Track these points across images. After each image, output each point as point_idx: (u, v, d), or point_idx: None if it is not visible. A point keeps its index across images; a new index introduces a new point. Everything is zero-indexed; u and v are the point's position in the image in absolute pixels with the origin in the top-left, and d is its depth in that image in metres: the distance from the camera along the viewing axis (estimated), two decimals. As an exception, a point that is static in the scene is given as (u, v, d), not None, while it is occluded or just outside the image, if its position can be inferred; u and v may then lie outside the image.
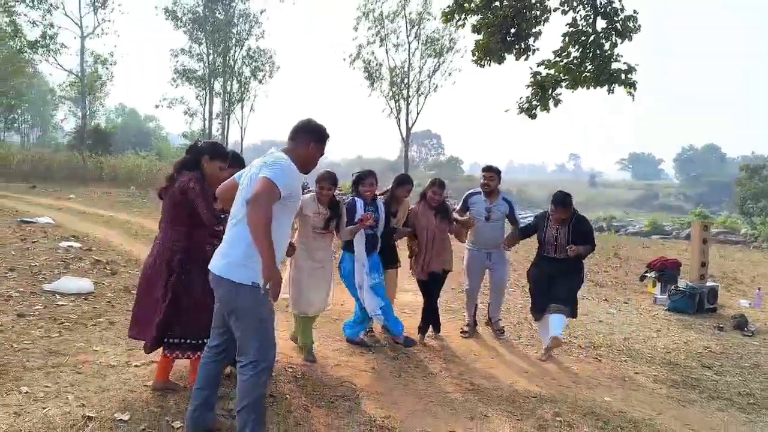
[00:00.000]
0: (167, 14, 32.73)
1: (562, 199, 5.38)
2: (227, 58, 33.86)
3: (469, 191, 6.18)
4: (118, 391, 3.81)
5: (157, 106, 34.73)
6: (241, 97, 34.71)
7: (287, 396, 4.02)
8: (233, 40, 33.84)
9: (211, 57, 33.92)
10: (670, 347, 6.10)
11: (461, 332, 6.00)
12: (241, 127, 35.48)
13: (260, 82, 34.92)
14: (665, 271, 8.57)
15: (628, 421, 4.07)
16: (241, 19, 33.70)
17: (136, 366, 4.33)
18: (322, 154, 3.31)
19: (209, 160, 3.80)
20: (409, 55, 32.12)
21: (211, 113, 34.80)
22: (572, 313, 5.43)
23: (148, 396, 3.77)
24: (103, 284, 6.76)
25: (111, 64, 33.02)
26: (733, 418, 4.33)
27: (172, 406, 3.66)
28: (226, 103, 34.65)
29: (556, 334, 5.21)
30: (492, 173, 5.99)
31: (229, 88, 34.52)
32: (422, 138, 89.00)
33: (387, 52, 32.13)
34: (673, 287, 8.05)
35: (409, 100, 32.44)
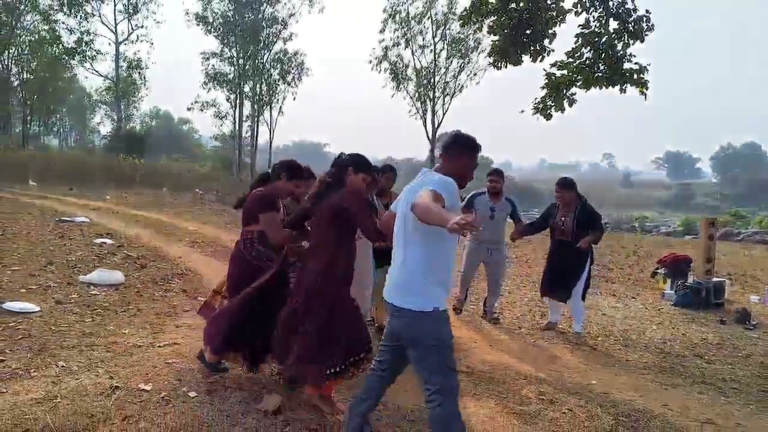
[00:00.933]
0: (198, 19, 33.64)
1: (563, 181, 6.18)
2: (256, 61, 34.61)
3: (474, 192, 6.50)
4: (142, 367, 4.27)
5: (189, 109, 35.44)
6: (270, 99, 35.41)
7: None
8: (262, 44, 34.58)
9: (240, 60, 34.74)
10: (666, 338, 6.32)
11: (453, 308, 6.42)
12: (270, 129, 36.24)
13: (289, 84, 35.58)
14: (675, 267, 8.73)
15: (609, 401, 4.36)
16: (269, 23, 34.39)
17: (159, 347, 4.80)
18: (476, 164, 3.21)
19: (354, 173, 3.62)
20: (435, 55, 32.44)
21: (241, 116, 35.63)
22: (581, 296, 6.06)
23: (168, 371, 4.21)
24: (133, 276, 7.29)
25: (144, 68, 34.15)
26: (711, 401, 4.56)
27: (190, 380, 4.08)
28: (255, 106, 35.41)
29: (578, 330, 6.10)
30: (497, 176, 6.39)
31: (258, 90, 35.27)
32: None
33: (413, 54, 32.52)
34: (680, 283, 8.22)
35: (435, 100, 32.75)
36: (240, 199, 4.30)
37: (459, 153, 3.12)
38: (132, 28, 32.14)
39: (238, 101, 35.41)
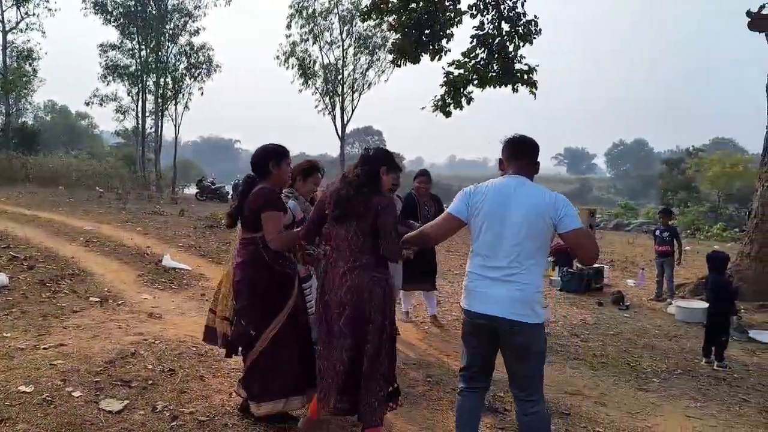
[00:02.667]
0: (96, 8, 31.97)
1: (426, 171, 6.64)
2: (159, 54, 33.37)
3: (397, 195, 6.53)
4: (24, 369, 4.13)
5: (87, 103, 33.62)
6: (175, 94, 34.24)
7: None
8: (166, 36, 33.36)
9: (143, 53, 33.37)
10: (549, 320, 6.81)
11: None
12: (176, 125, 35.04)
13: (195, 79, 34.55)
14: (561, 255, 9.36)
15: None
16: (174, 15, 33.23)
17: (44, 349, 4.65)
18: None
19: (386, 172, 3.32)
20: (342, 52, 32.60)
21: (144, 110, 34.24)
22: (432, 286, 6.32)
23: (52, 372, 4.11)
24: (19, 278, 6.94)
25: (35, 59, 32.05)
26: (579, 373, 5.03)
27: (75, 380, 4.01)
28: (160, 100, 34.14)
29: (434, 313, 6.41)
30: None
31: (162, 84, 34.03)
32: (364, 134, 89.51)
33: (321, 49, 32.52)
34: (565, 269, 8.85)
35: (344, 96, 32.93)
36: (229, 213, 3.67)
37: (536, 158, 3.05)
38: (21, 16, 30.06)
39: (140, 95, 34.00)
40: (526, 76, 10.45)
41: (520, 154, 3.00)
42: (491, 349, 2.98)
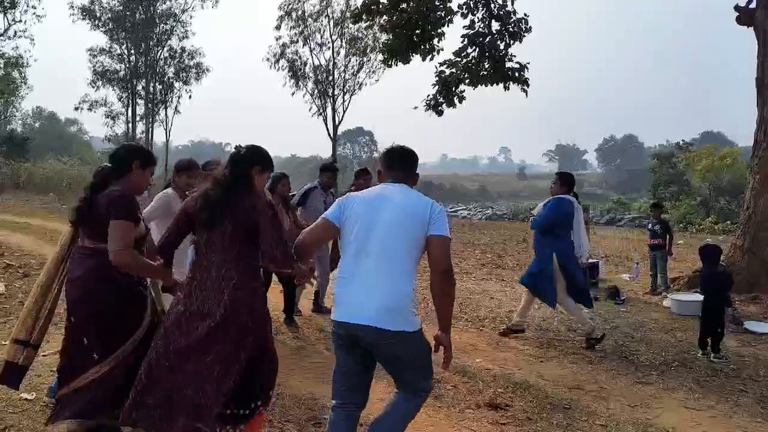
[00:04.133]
0: (84, 14, 31.84)
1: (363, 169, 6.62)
2: (148, 58, 33.26)
3: (307, 186, 6.42)
4: (25, 377, 4.11)
5: (76, 109, 33.46)
6: (164, 98, 34.14)
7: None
8: (155, 40, 33.27)
9: (132, 57, 33.25)
10: (546, 316, 6.86)
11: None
12: (166, 130, 34.92)
13: (185, 83, 34.47)
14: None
15: (491, 375, 4.72)
16: (162, 19, 33.15)
17: (44, 356, 4.64)
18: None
19: (260, 172, 3.05)
20: (333, 54, 32.64)
21: (134, 115, 34.13)
22: None
23: (54, 379, 4.10)
24: (15, 286, 6.92)
25: (24, 66, 31.88)
26: (578, 368, 5.06)
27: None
28: (150, 105, 34.02)
29: None
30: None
31: (152, 89, 33.92)
32: (355, 135, 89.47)
33: (311, 51, 32.51)
34: (560, 265, 8.88)
35: (335, 98, 32.96)
36: (78, 207, 3.11)
37: (415, 170, 3.03)
38: (8, 23, 29.87)
39: (130, 100, 33.87)
40: (517, 74, 10.53)
41: (397, 164, 2.96)
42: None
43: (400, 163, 2.96)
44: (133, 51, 33.15)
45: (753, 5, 9.12)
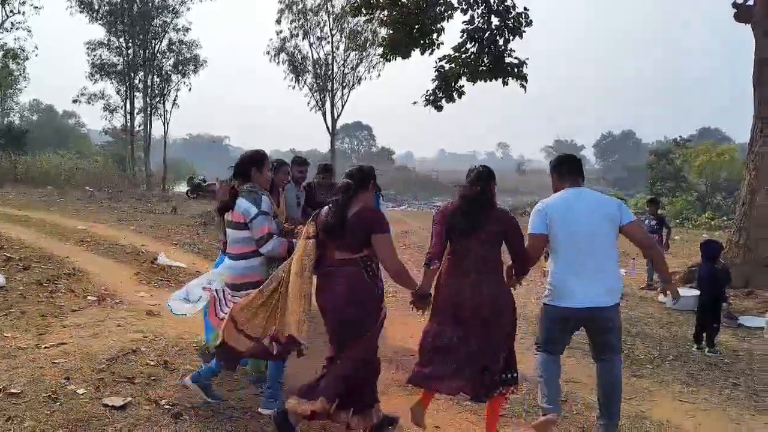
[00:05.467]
0: (82, 6, 31.70)
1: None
2: (147, 51, 33.19)
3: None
4: (26, 368, 4.16)
5: (75, 101, 33.29)
6: (163, 91, 34.06)
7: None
8: (152, 33, 33.17)
9: (130, 50, 33.15)
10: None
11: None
12: (164, 123, 34.85)
13: (183, 75, 34.36)
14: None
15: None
16: (160, 11, 33.02)
17: (45, 348, 4.68)
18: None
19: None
20: (332, 48, 32.60)
21: (132, 108, 34.04)
22: None
23: (55, 370, 4.15)
24: (15, 279, 6.94)
25: (23, 59, 31.77)
26: (575, 361, 5.14)
27: (78, 377, 4.05)
28: (148, 98, 33.95)
29: None
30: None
31: (150, 82, 33.84)
32: (353, 130, 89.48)
33: (311, 46, 32.48)
34: (557, 260, 8.94)
35: (334, 92, 32.94)
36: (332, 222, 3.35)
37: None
38: (6, 15, 29.75)
39: (128, 93, 33.79)
40: (516, 70, 10.55)
41: (576, 170, 3.66)
42: None
43: (572, 171, 3.64)
44: (131, 44, 33.03)
45: (751, 2, 9.16)
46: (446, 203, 3.64)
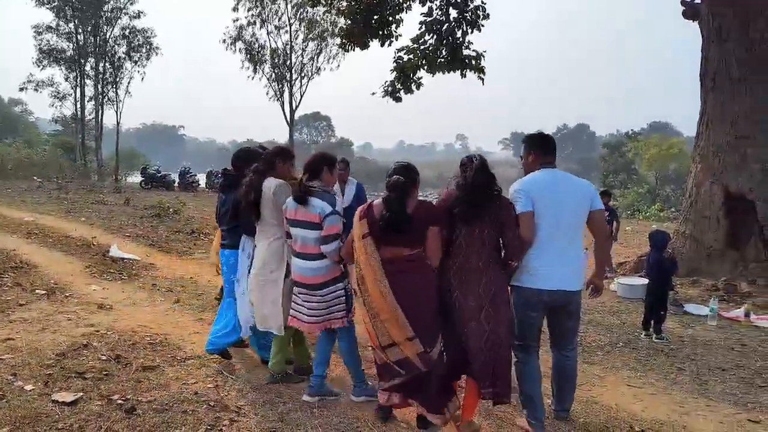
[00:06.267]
0: (28, -12, 30.42)
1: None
2: (98, 37, 32.10)
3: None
4: (-30, 365, 4.02)
5: (21, 89, 32.03)
6: (115, 79, 33.06)
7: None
8: (104, 18, 32.10)
9: (80, 36, 32.02)
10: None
11: None
12: (117, 111, 33.84)
13: (136, 63, 33.42)
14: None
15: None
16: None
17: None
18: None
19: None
20: (291, 37, 32.17)
21: (83, 96, 32.94)
22: None
23: (1, 367, 4.02)
24: (-42, 272, 6.68)
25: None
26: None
27: (26, 374, 3.93)
28: (99, 86, 32.89)
29: None
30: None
31: (101, 69, 32.78)
32: (312, 120, 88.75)
33: (269, 35, 31.99)
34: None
35: (293, 82, 32.56)
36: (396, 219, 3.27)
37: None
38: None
39: (78, 80, 32.65)
40: (474, 62, 10.63)
41: (552, 151, 3.63)
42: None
43: (553, 150, 3.61)
44: (81, 29, 31.89)
45: (698, 0, 9.45)
46: (443, 193, 3.50)
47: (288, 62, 32.28)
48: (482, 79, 10.84)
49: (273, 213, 3.92)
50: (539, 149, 3.60)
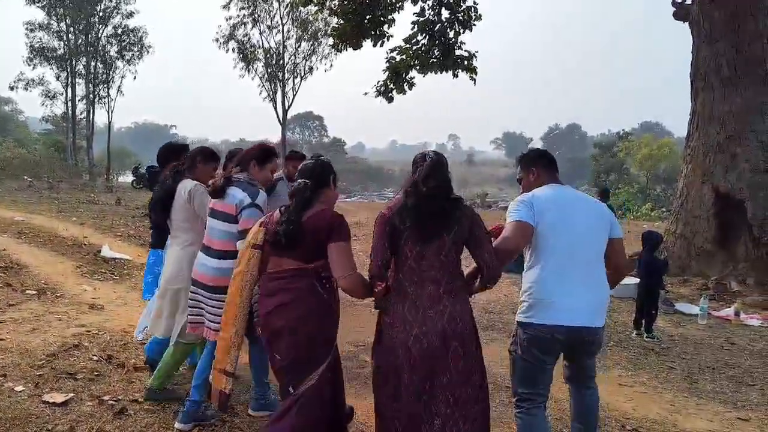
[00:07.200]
0: (17, -14, 30.22)
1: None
2: (90, 36, 31.93)
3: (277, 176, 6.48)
4: (-41, 366, 3.99)
5: (11, 88, 31.79)
6: (107, 78, 32.89)
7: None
8: (97, 17, 31.93)
9: (72, 34, 31.82)
10: (491, 299, 7.08)
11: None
12: (108, 111, 33.65)
13: (128, 62, 33.26)
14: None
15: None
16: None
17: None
18: None
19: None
20: (283, 37, 32.12)
21: (74, 95, 32.73)
22: None
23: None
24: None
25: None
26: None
27: (16, 374, 3.90)
28: (91, 85, 32.70)
29: None
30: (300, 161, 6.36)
31: (93, 68, 32.59)
32: (305, 120, 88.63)
33: (261, 34, 31.92)
34: (505, 250, 9.13)
35: (285, 82, 32.51)
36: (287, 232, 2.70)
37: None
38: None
39: (70, 80, 32.44)
40: (466, 62, 10.68)
41: (554, 165, 3.09)
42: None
43: (555, 165, 3.08)
44: (72, 28, 31.69)
45: (689, 1, 9.52)
46: (389, 203, 2.80)
47: (281, 62, 32.21)
48: (474, 80, 10.89)
49: (186, 216, 3.59)
50: (540, 166, 3.04)
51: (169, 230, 3.82)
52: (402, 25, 11.47)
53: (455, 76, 10.81)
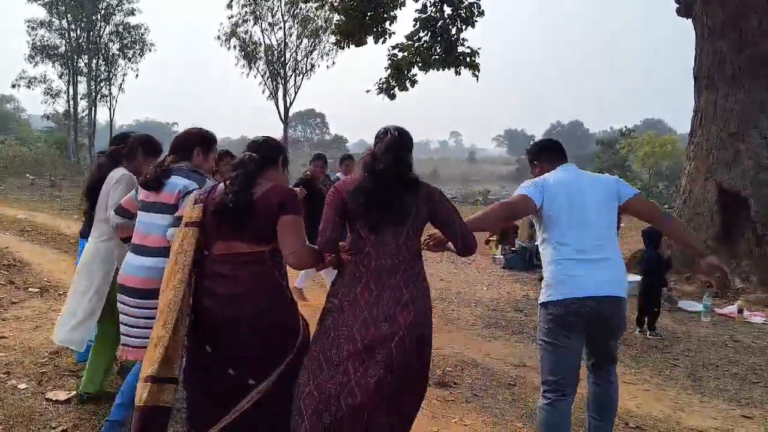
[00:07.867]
0: (20, -16, 30.23)
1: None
2: (92, 33, 31.94)
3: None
4: (-38, 363, 3.99)
5: (13, 86, 31.83)
6: (109, 76, 32.92)
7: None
8: (99, 15, 31.95)
9: (74, 32, 31.83)
10: (494, 297, 7.08)
11: None
12: (110, 108, 33.69)
13: (130, 60, 33.30)
14: (504, 235, 9.65)
15: (440, 355, 4.84)
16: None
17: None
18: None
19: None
20: (284, 34, 32.10)
21: (75, 93, 32.76)
22: None
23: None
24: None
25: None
26: (523, 346, 5.26)
27: (19, 372, 3.91)
28: (93, 83, 32.73)
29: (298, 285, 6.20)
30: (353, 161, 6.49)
31: (95, 66, 32.61)
32: (306, 117, 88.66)
33: (263, 31, 31.90)
34: (507, 247, 9.14)
35: (287, 79, 32.50)
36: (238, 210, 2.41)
37: None
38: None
39: (71, 77, 32.46)
40: (468, 59, 10.63)
41: (563, 154, 3.17)
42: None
43: (557, 151, 3.16)
44: (74, 25, 31.71)
45: (692, -2, 9.47)
46: (344, 178, 2.68)
47: (282, 59, 32.20)
48: (477, 77, 10.83)
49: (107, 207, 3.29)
50: (542, 159, 3.14)
51: (89, 220, 3.54)
52: (404, 21, 11.42)
53: (458, 73, 10.74)
